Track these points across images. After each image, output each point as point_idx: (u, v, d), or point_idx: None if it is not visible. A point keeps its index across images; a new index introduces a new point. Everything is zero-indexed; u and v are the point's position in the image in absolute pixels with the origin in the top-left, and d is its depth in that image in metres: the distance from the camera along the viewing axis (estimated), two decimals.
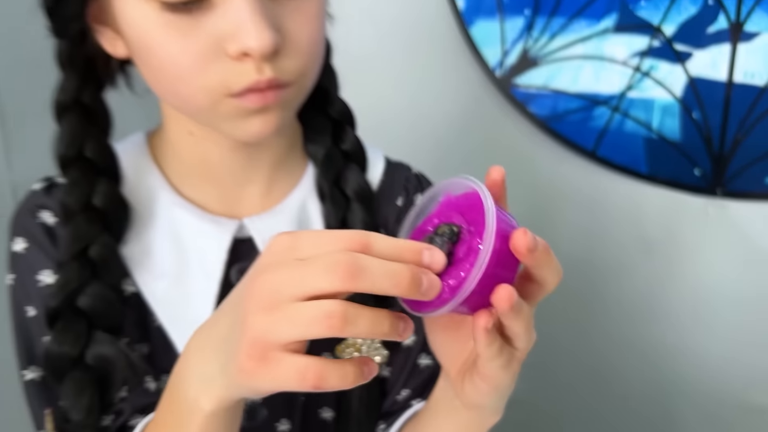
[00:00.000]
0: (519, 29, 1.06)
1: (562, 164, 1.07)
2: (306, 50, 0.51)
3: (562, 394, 1.16)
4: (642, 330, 1.07)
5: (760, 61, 0.89)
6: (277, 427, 0.61)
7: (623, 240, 1.06)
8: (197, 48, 0.48)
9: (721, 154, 0.94)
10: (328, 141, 0.63)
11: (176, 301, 0.56)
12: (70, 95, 0.56)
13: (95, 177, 0.55)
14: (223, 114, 0.51)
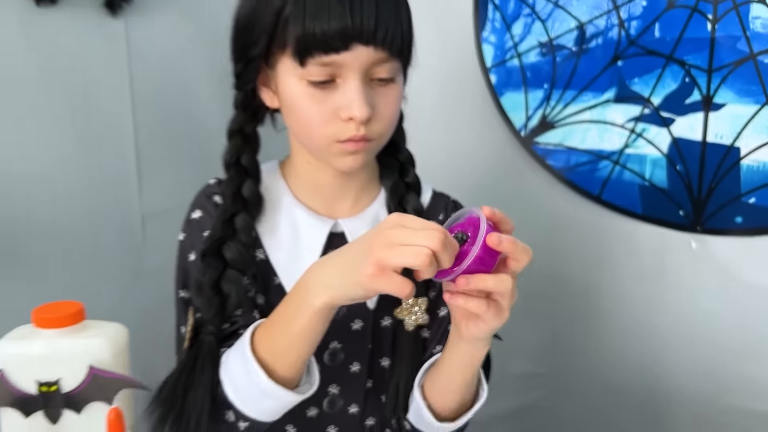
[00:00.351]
0: (539, 99, 1.33)
1: (573, 206, 1.32)
2: (386, 121, 0.78)
3: (574, 400, 1.36)
4: (639, 346, 1.28)
5: (726, 125, 1.14)
6: (350, 368, 0.85)
7: (623, 269, 1.28)
8: (324, 112, 0.75)
9: (699, 198, 1.18)
10: (396, 176, 0.89)
11: (290, 267, 0.81)
12: (237, 126, 0.84)
13: (245, 177, 0.82)
14: (331, 152, 0.79)
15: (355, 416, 0.85)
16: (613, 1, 1.22)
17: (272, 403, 0.71)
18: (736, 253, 1.16)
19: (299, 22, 0.71)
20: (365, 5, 0.70)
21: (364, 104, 0.73)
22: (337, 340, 0.83)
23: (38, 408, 0.66)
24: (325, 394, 0.84)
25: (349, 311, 0.83)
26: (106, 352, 0.66)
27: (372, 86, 0.76)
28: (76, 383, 0.65)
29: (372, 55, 0.72)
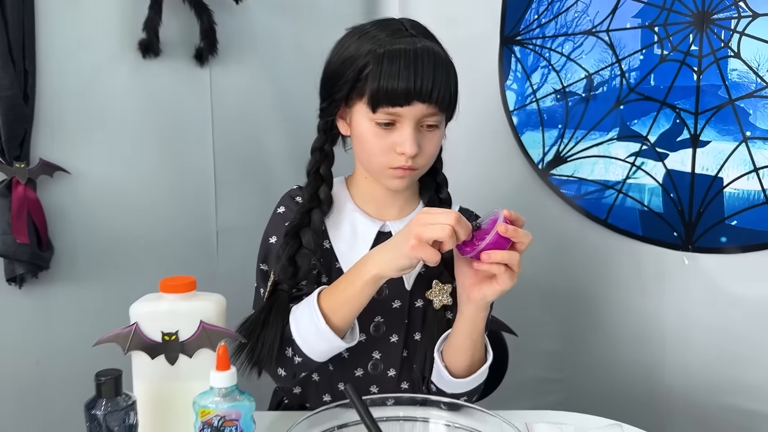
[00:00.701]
0: (554, 138, 1.56)
1: (583, 228, 1.53)
2: (428, 157, 1.01)
3: (584, 402, 1.54)
4: (640, 351, 1.47)
5: (711, 159, 1.34)
6: (390, 339, 1.06)
7: (626, 283, 1.48)
8: (384, 146, 0.98)
9: (690, 221, 1.38)
10: (432, 192, 1.12)
11: (348, 255, 1.04)
12: (318, 144, 1.07)
13: (321, 183, 1.05)
14: (384, 175, 1.02)
15: (392, 378, 1.07)
16: (616, 56, 1.45)
17: (323, 345, 0.93)
18: (722, 268, 1.35)
19: (376, 80, 0.93)
20: (426, 73, 0.92)
21: (414, 144, 0.96)
22: (380, 315, 1.05)
23: (161, 352, 0.89)
24: (370, 358, 1.06)
25: (390, 292, 1.05)
26: (212, 312, 0.90)
27: (421, 130, 0.99)
28: (190, 334, 0.89)
29: (426, 110, 0.96)
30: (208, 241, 1.60)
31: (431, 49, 0.94)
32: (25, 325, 1.35)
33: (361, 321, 1.00)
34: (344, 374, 1.04)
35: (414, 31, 0.97)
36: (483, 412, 0.82)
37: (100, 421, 0.79)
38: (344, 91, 0.98)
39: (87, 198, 1.41)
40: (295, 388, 1.10)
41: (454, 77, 0.98)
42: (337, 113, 1.03)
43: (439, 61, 0.95)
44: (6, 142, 1.27)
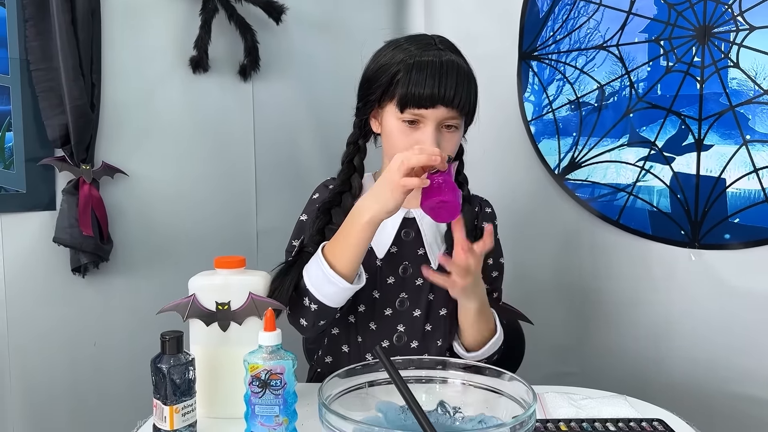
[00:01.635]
0: (569, 145, 1.67)
1: (597, 229, 1.63)
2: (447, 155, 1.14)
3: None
4: (652, 342, 1.56)
5: (714, 162, 1.44)
6: (413, 313, 1.18)
7: (637, 278, 1.58)
8: (408, 142, 1.10)
9: (696, 220, 1.48)
10: None
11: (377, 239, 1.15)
12: (353, 139, 1.21)
13: (354, 172, 1.19)
14: None
15: (415, 349, 1.18)
16: (625, 68, 1.57)
17: (331, 288, 1.04)
18: (726, 264, 1.44)
19: (405, 86, 1.07)
20: (449, 81, 1.06)
21: (434, 142, 1.09)
22: (404, 292, 1.18)
23: (215, 320, 1.02)
24: (395, 331, 1.18)
25: (413, 271, 1.17)
26: (259, 285, 1.03)
27: (441, 131, 1.12)
28: (240, 304, 1.02)
29: (447, 113, 1.09)
30: (249, 240, 1.75)
31: (455, 62, 1.09)
32: (86, 311, 1.50)
33: (388, 297, 1.14)
34: (372, 345, 1.17)
35: (442, 46, 1.12)
36: (496, 370, 0.93)
37: (165, 373, 0.92)
38: (377, 94, 1.13)
39: (142, 198, 1.56)
40: (327, 358, 1.22)
41: (474, 87, 1.11)
42: (371, 113, 1.17)
43: (462, 72, 1.09)
44: (75, 146, 1.42)
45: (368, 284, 1.14)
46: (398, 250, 1.18)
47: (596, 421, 0.98)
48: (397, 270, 1.18)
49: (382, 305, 1.17)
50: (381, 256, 1.17)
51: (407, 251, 1.18)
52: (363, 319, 1.18)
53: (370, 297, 1.17)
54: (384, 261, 1.17)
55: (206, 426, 0.98)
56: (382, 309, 1.18)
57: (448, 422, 0.93)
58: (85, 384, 1.50)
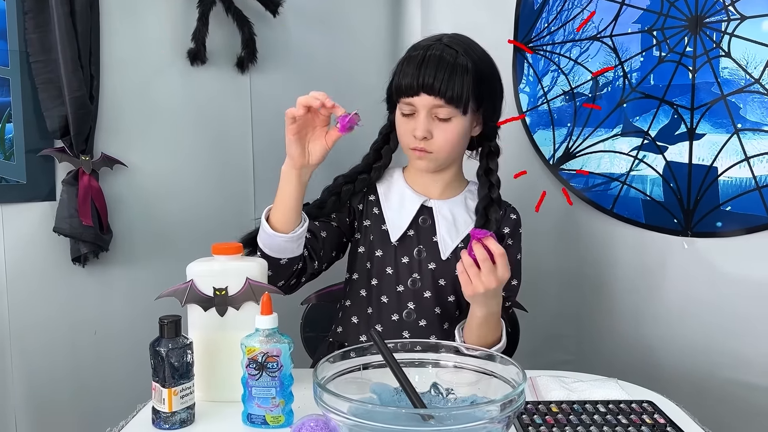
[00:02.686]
0: (564, 135, 1.69)
1: (591, 219, 1.65)
2: (440, 144, 1.18)
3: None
4: (646, 329, 1.58)
5: (706, 150, 1.46)
6: (423, 293, 1.22)
7: (631, 266, 1.60)
8: (407, 130, 1.18)
9: (688, 208, 1.50)
10: (486, 190, 1.25)
11: (394, 221, 1.23)
12: (385, 131, 1.28)
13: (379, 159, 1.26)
14: (409, 155, 1.21)
15: (422, 328, 1.23)
16: (619, 58, 1.58)
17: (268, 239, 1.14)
18: (718, 251, 1.46)
19: (396, 77, 1.19)
20: (428, 70, 1.14)
21: (423, 128, 1.16)
22: (417, 273, 1.23)
23: (213, 305, 1.04)
24: (405, 307, 1.23)
25: (427, 255, 1.23)
26: (256, 271, 1.05)
27: (434, 120, 1.17)
28: (237, 289, 1.04)
29: (433, 101, 1.15)
30: (247, 230, 1.74)
31: (440, 54, 1.15)
32: (86, 300, 1.52)
33: (401, 275, 1.23)
34: (381, 318, 1.23)
35: (446, 41, 1.19)
36: (488, 353, 0.95)
37: (163, 356, 0.94)
38: (390, 89, 1.23)
39: (141, 189, 1.58)
40: (338, 328, 1.29)
41: (461, 77, 1.15)
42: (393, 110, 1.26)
43: (445, 62, 1.15)
44: (74, 137, 1.44)
45: (384, 261, 1.25)
46: (415, 233, 1.25)
47: (587, 402, 1.00)
48: (412, 252, 1.24)
49: (395, 281, 1.24)
50: (396, 237, 1.24)
51: (423, 236, 1.25)
52: (376, 292, 1.25)
53: (384, 273, 1.24)
54: (400, 241, 1.24)
55: (204, 408, 1.00)
56: (395, 285, 1.24)
57: (441, 403, 0.95)
58: (86, 372, 1.52)
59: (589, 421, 0.94)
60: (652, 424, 0.93)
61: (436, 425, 0.81)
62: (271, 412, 0.95)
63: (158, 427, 0.95)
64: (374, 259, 1.24)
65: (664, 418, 0.95)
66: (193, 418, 0.97)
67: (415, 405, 0.87)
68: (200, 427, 0.96)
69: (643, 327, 1.59)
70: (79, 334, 1.51)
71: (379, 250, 1.25)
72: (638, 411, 0.97)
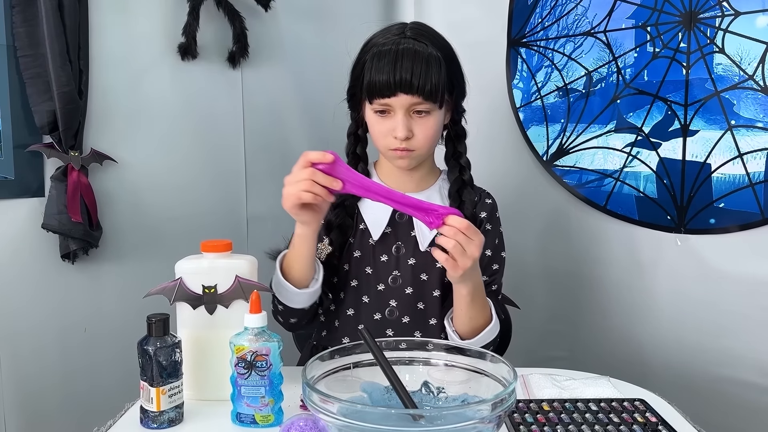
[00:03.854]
0: (557, 131, 1.68)
1: (584, 215, 1.65)
2: (421, 140, 1.15)
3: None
4: (637, 325, 1.57)
5: (699, 147, 1.46)
6: (405, 290, 1.19)
7: (624, 263, 1.59)
8: (382, 130, 1.14)
9: (682, 205, 1.49)
10: (457, 174, 1.24)
11: (373, 220, 1.20)
12: (352, 130, 1.23)
13: (359, 161, 1.22)
14: (388, 155, 1.18)
15: (406, 324, 1.21)
16: (612, 54, 1.58)
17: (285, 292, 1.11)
18: (711, 248, 1.46)
19: (368, 75, 1.11)
20: (405, 67, 1.08)
21: (404, 129, 1.12)
22: (397, 270, 1.20)
23: (201, 303, 1.03)
24: (387, 305, 1.21)
25: (406, 251, 1.20)
26: (245, 268, 1.04)
27: (413, 117, 1.14)
28: (227, 287, 1.03)
29: (411, 100, 1.11)
30: (239, 226, 1.75)
31: (412, 48, 1.11)
32: (76, 297, 1.50)
33: (381, 273, 1.20)
34: (365, 318, 1.21)
35: (410, 33, 1.13)
36: (479, 351, 0.94)
37: (151, 355, 0.93)
38: (356, 84, 1.17)
39: (131, 185, 1.57)
40: (323, 332, 1.27)
41: (436, 70, 1.11)
42: (360, 104, 1.20)
43: (419, 57, 1.10)
44: (63, 133, 1.43)
45: (362, 261, 1.21)
46: (392, 230, 1.22)
47: (579, 401, 0.99)
48: (391, 249, 1.21)
49: (375, 281, 1.21)
50: (376, 236, 1.21)
51: (401, 232, 1.22)
52: (356, 293, 1.22)
53: (364, 273, 1.21)
54: (378, 240, 1.21)
55: (193, 407, 0.99)
56: (375, 284, 1.21)
57: (432, 402, 0.94)
58: (77, 369, 1.51)
59: (580, 419, 0.93)
60: (643, 422, 0.92)
61: (426, 425, 0.80)
62: (260, 411, 0.94)
63: (146, 426, 0.94)
64: (352, 260, 1.22)
65: (656, 417, 0.94)
66: (182, 417, 0.96)
67: (405, 404, 0.86)
68: (189, 426, 0.95)
69: (635, 324, 1.59)
70: (68, 331, 1.50)
71: (358, 251, 1.21)
72: (630, 409, 0.97)
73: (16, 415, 1.43)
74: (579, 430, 0.90)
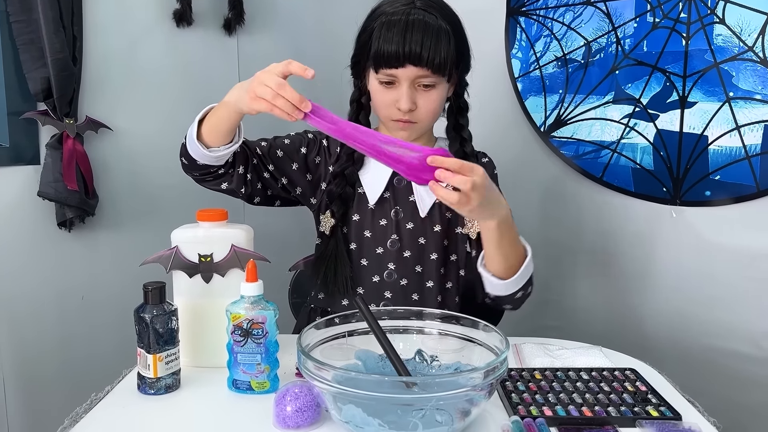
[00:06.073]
0: (555, 102, 1.67)
1: (581, 186, 1.65)
2: (425, 113, 1.15)
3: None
4: (630, 297, 1.59)
5: (697, 119, 1.45)
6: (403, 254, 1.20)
7: (620, 234, 1.60)
8: (386, 100, 1.14)
9: (678, 177, 1.49)
10: (458, 146, 1.23)
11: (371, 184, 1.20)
12: (355, 97, 1.22)
13: None
14: (389, 126, 1.18)
15: (404, 287, 1.22)
16: (612, 24, 1.56)
17: (193, 146, 1.09)
18: (706, 220, 1.46)
19: (376, 44, 1.10)
20: (414, 39, 1.07)
21: (408, 101, 1.12)
22: (396, 234, 1.21)
23: (198, 272, 1.03)
24: (386, 268, 1.21)
25: (404, 215, 1.21)
26: (242, 237, 1.04)
27: (417, 89, 1.13)
28: (223, 256, 1.03)
29: (418, 72, 1.10)
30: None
31: (423, 20, 1.09)
32: (73, 265, 1.51)
33: (379, 237, 1.20)
34: (363, 280, 1.21)
35: (420, 4, 1.12)
36: (472, 320, 0.95)
37: (148, 322, 0.94)
38: (362, 54, 1.16)
39: (127, 153, 1.56)
40: (319, 294, 1.27)
41: (446, 43, 1.10)
42: (364, 71, 1.19)
43: (430, 29, 1.09)
44: (57, 100, 1.42)
45: (361, 225, 1.21)
46: (391, 195, 1.22)
47: (570, 370, 1.01)
48: (389, 214, 1.22)
49: (373, 244, 1.22)
50: (373, 201, 1.21)
51: (399, 197, 1.22)
52: (355, 256, 1.22)
53: (362, 236, 1.22)
54: (377, 204, 1.21)
55: (190, 374, 1.00)
56: (374, 247, 1.22)
57: (426, 370, 0.95)
58: (74, 335, 1.53)
59: (571, 388, 0.95)
60: (633, 391, 0.94)
61: (419, 392, 0.81)
62: (256, 378, 0.96)
63: (143, 392, 0.95)
64: (351, 224, 1.22)
65: (646, 386, 0.96)
66: (179, 383, 0.98)
67: (399, 372, 0.88)
68: (185, 392, 0.97)
69: (629, 295, 1.60)
70: (65, 298, 1.51)
71: (356, 214, 1.22)
72: (620, 378, 0.98)
73: (14, 379, 1.45)
74: (570, 398, 0.91)
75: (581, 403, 0.90)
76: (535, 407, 0.89)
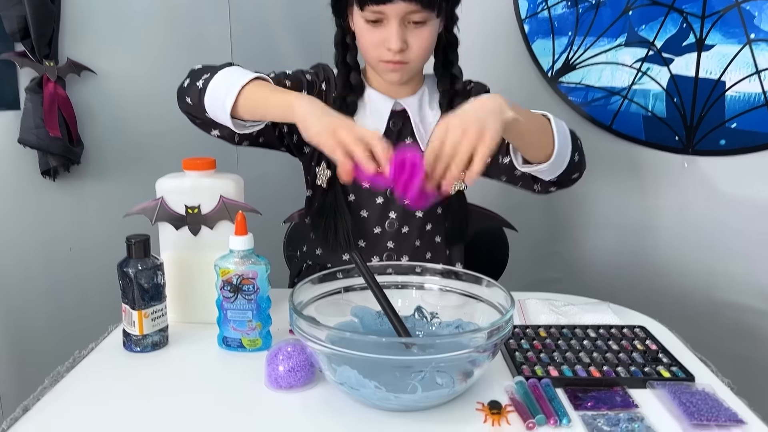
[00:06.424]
0: (564, 45, 1.59)
1: (590, 134, 1.57)
2: (417, 51, 1.07)
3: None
4: (637, 248, 1.54)
5: (715, 63, 1.37)
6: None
7: (627, 185, 1.54)
8: (374, 41, 1.06)
9: (691, 125, 1.42)
10: (448, 84, 1.16)
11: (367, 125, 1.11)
12: (339, 39, 1.14)
13: (350, 70, 1.12)
14: (379, 68, 1.09)
15: (406, 234, 1.17)
16: None
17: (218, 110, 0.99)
18: (719, 170, 1.40)
19: None
20: None
21: (399, 40, 1.04)
22: None
23: (185, 224, 0.98)
24: (387, 217, 1.16)
25: None
26: (231, 188, 0.98)
27: (408, 27, 1.05)
28: (211, 208, 0.97)
29: (407, 8, 1.02)
30: (228, 145, 1.68)
31: None
32: (59, 216, 1.45)
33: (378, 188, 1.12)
34: (364, 231, 1.16)
35: None
36: (474, 276, 0.90)
37: (132, 278, 0.88)
38: None
39: (113, 97, 1.48)
40: (317, 250, 1.21)
41: None
42: (347, 11, 1.10)
43: None
44: (35, 40, 1.33)
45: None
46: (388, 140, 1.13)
47: (577, 327, 0.96)
48: None
49: (373, 193, 1.16)
50: None
51: (396, 141, 1.15)
52: (354, 208, 1.17)
53: (360, 187, 1.15)
54: None
55: (178, 331, 0.96)
56: (374, 197, 1.17)
57: (425, 327, 0.91)
58: (62, 289, 1.48)
59: (578, 346, 0.90)
60: (643, 350, 0.89)
61: (418, 353, 0.77)
62: (247, 336, 0.91)
63: (129, 350, 0.91)
64: None
65: (656, 344, 0.91)
66: (167, 340, 0.93)
67: (397, 330, 0.83)
68: (174, 350, 0.92)
69: (635, 246, 1.55)
70: (52, 249, 1.46)
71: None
72: (630, 336, 0.94)
73: (3, 332, 1.41)
74: (577, 357, 0.87)
75: (589, 362, 0.86)
76: (540, 367, 0.84)
